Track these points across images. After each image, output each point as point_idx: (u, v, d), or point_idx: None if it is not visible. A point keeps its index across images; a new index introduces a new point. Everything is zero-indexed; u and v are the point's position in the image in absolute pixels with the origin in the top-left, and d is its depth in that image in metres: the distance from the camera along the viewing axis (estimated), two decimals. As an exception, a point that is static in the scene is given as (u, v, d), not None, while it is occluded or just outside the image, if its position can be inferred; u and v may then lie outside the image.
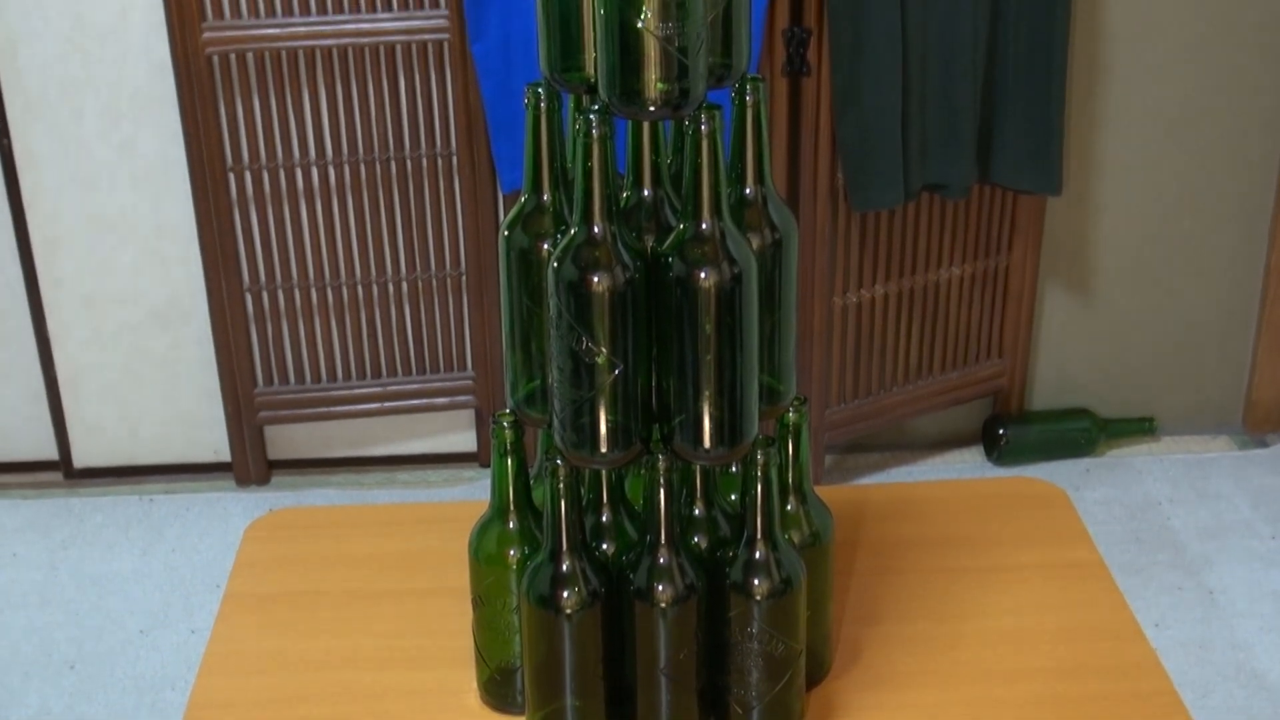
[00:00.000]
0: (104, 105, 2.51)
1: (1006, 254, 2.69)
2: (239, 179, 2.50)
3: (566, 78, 1.07)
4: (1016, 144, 2.46)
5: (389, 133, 2.51)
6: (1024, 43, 2.40)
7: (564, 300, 1.03)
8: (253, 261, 2.56)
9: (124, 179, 2.56)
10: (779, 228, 1.09)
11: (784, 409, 1.14)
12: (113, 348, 2.69)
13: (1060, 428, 2.82)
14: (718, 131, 1.02)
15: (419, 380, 2.69)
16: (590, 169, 1.02)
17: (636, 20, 0.99)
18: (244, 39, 2.39)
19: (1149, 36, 2.61)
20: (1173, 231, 2.76)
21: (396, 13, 2.42)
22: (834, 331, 2.60)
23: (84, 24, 2.46)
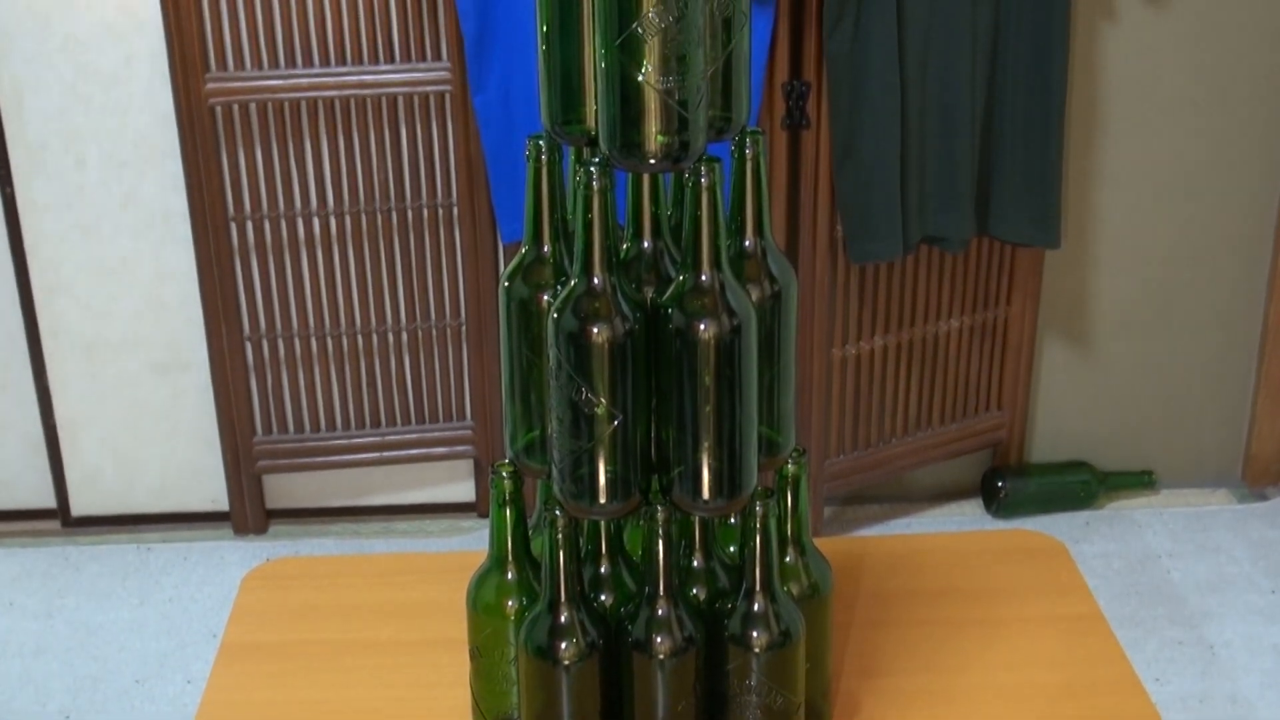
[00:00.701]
0: (107, 154, 2.53)
1: (1005, 307, 2.70)
2: (240, 228, 2.51)
3: (567, 130, 1.07)
4: (1015, 197, 2.47)
5: (390, 183, 2.52)
6: (1022, 98, 2.41)
7: (564, 351, 1.04)
8: (253, 310, 2.57)
9: (125, 228, 2.57)
10: (778, 280, 1.10)
11: (783, 460, 1.14)
12: (112, 396, 2.69)
13: (1059, 480, 2.82)
14: (717, 184, 1.02)
15: (418, 430, 2.69)
16: (590, 220, 1.02)
17: (637, 73, 1.00)
18: (247, 90, 2.41)
19: (1145, 93, 2.63)
20: (1171, 285, 2.77)
21: (399, 64, 2.43)
22: (833, 383, 2.61)
23: (88, 73, 2.47)
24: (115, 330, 2.64)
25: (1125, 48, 2.59)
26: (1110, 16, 2.57)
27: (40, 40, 2.45)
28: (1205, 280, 2.77)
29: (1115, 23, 2.58)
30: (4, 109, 2.49)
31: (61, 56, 2.46)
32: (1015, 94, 2.41)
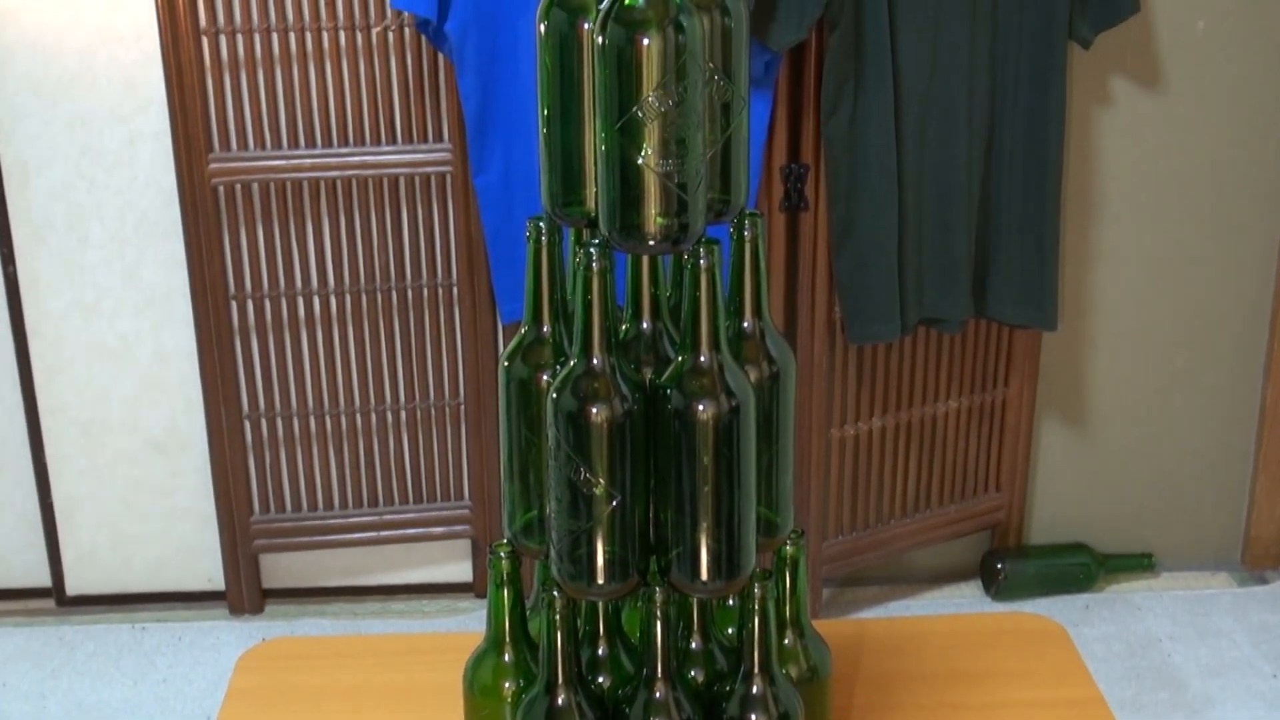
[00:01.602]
0: (109, 233, 2.54)
1: (1003, 388, 2.71)
2: (240, 307, 2.52)
3: (567, 212, 1.08)
4: (1012, 280, 2.48)
5: (390, 263, 2.53)
6: (1018, 181, 2.43)
7: (562, 431, 1.04)
8: (252, 389, 2.57)
9: (127, 306, 2.58)
10: (777, 360, 1.10)
11: (781, 541, 1.14)
12: (109, 475, 2.68)
13: (1059, 563, 2.81)
14: (716, 266, 1.03)
15: (416, 510, 2.68)
16: (590, 301, 1.03)
17: (637, 156, 1.00)
18: (249, 170, 2.43)
19: (1140, 177, 2.65)
20: (1168, 367, 2.78)
21: (400, 145, 2.46)
22: (831, 464, 2.61)
23: (93, 153, 2.50)
24: (114, 409, 2.64)
25: (1120, 131, 2.62)
26: (1105, 101, 2.60)
27: (46, 120, 2.47)
28: (1202, 363, 2.78)
29: (1110, 107, 2.61)
30: (9, 187, 2.51)
31: (67, 136, 2.48)
32: (1012, 177, 2.43)
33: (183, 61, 2.34)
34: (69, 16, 2.42)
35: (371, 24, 2.39)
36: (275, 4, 2.36)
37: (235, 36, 2.37)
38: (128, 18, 2.42)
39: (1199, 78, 2.60)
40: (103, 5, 2.42)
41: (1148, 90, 2.61)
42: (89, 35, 2.43)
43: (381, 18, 2.39)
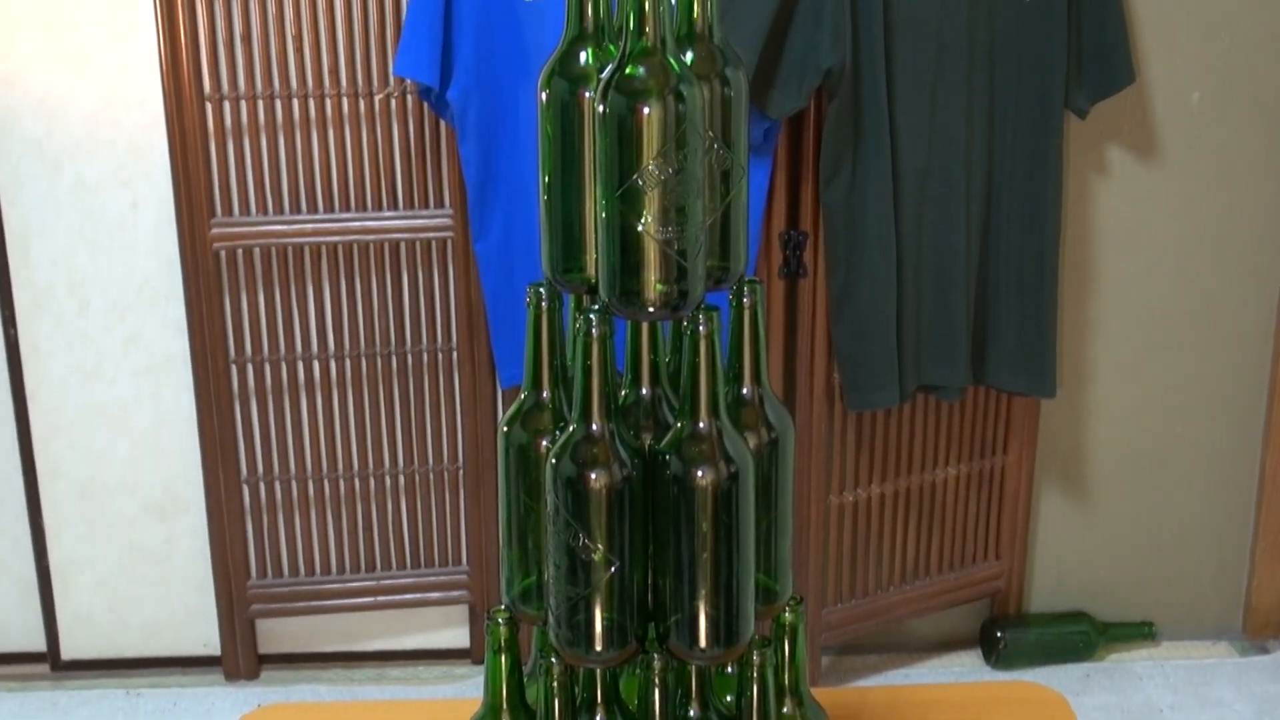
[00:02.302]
0: (111, 298, 2.55)
1: (1002, 455, 2.70)
2: (241, 371, 2.53)
3: (567, 278, 1.09)
4: (1010, 347, 2.48)
5: (390, 327, 2.54)
6: (1016, 249, 2.44)
7: (561, 497, 1.04)
8: (251, 454, 2.57)
9: (127, 371, 2.59)
10: (775, 427, 1.10)
11: (780, 609, 1.14)
12: (106, 539, 2.68)
13: (1059, 631, 2.80)
14: (715, 333, 1.03)
15: (414, 575, 2.67)
16: (590, 367, 1.03)
17: (637, 223, 1.01)
18: (251, 235, 2.44)
19: (1137, 245, 2.66)
20: (1167, 435, 2.78)
21: (402, 211, 2.47)
22: (830, 531, 2.60)
23: (95, 218, 2.51)
24: (112, 473, 2.64)
25: (1117, 200, 2.63)
26: (1102, 170, 2.62)
27: (50, 185, 2.48)
28: (1201, 431, 2.78)
29: (1107, 176, 2.62)
30: (11, 252, 2.52)
31: (70, 201, 2.50)
32: (1009, 244, 2.44)
33: (186, 127, 2.36)
34: (74, 82, 2.44)
35: (374, 91, 2.41)
36: (279, 71, 2.38)
37: (239, 102, 2.39)
38: (133, 83, 2.44)
39: (1195, 148, 2.62)
40: (108, 71, 2.44)
41: (1144, 160, 2.62)
42: (94, 100, 2.45)
43: (384, 84, 2.41)
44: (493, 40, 2.24)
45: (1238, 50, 2.59)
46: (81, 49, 2.43)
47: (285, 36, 2.36)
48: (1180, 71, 2.59)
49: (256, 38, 2.36)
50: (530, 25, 2.22)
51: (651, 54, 1.00)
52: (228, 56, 2.36)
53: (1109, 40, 2.39)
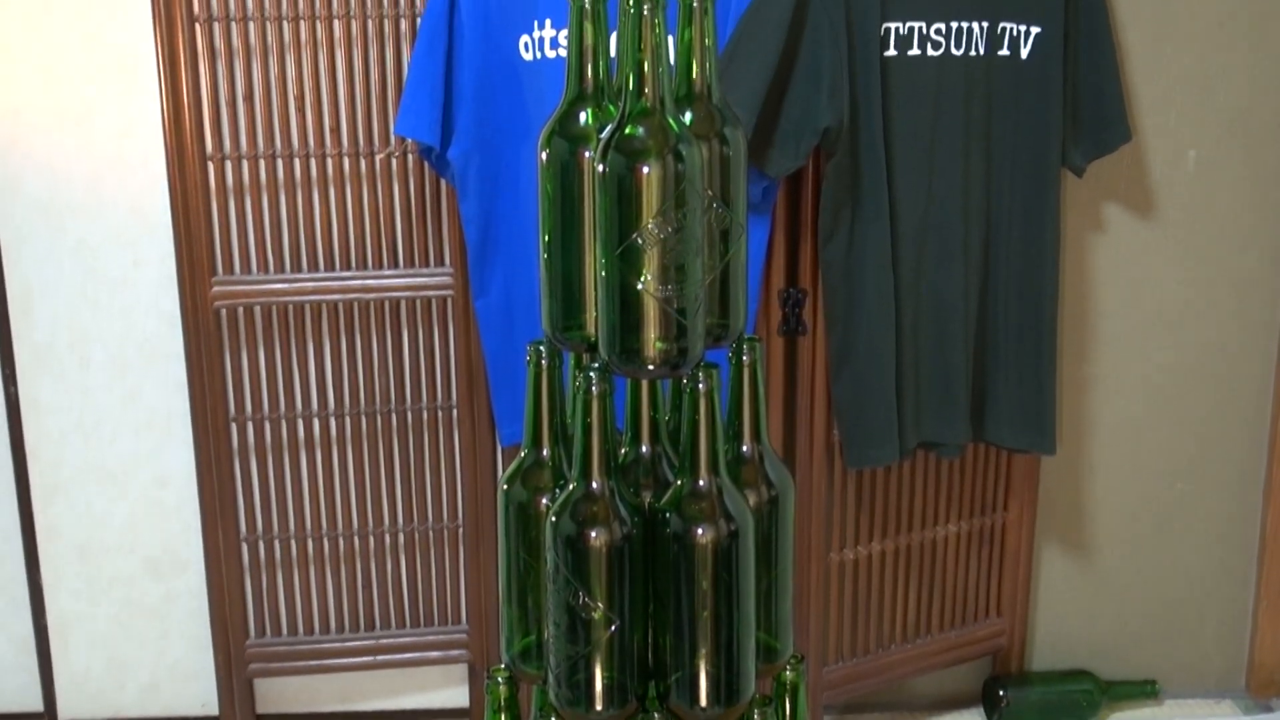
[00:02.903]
0: (111, 356, 2.55)
1: (1003, 512, 2.70)
2: (240, 429, 2.53)
3: (567, 336, 1.09)
4: (1010, 404, 2.49)
5: (391, 385, 2.54)
6: (1014, 306, 2.45)
7: (561, 555, 1.04)
8: (250, 512, 2.57)
9: (127, 429, 2.59)
10: (775, 485, 1.10)
11: (781, 667, 1.13)
12: (105, 598, 2.67)
13: (1061, 689, 2.78)
14: (715, 390, 1.04)
15: (413, 634, 2.66)
16: (590, 425, 1.04)
17: (637, 282, 1.02)
18: (252, 293, 2.45)
19: (1136, 302, 2.67)
20: (1167, 492, 2.77)
21: (403, 269, 2.48)
22: (831, 589, 2.59)
23: (97, 276, 2.52)
24: (111, 531, 2.63)
25: (1115, 257, 2.64)
26: (1099, 228, 2.63)
27: (52, 244, 2.50)
28: (1202, 488, 2.78)
29: (1104, 234, 2.64)
30: (13, 310, 2.53)
31: (72, 260, 2.51)
32: (1008, 302, 2.45)
33: (188, 187, 2.37)
34: (78, 142, 2.46)
35: (375, 150, 2.42)
36: (280, 130, 2.39)
37: (240, 162, 2.40)
38: (136, 144, 2.46)
39: (1191, 206, 2.64)
40: (112, 132, 2.46)
41: (1141, 217, 2.64)
42: (97, 161, 2.47)
43: (385, 144, 2.42)
44: (493, 100, 2.26)
45: (1233, 110, 2.61)
46: (85, 110, 2.45)
47: (287, 97, 2.38)
48: (1176, 130, 2.60)
49: (259, 98, 2.37)
50: (530, 85, 2.24)
51: (651, 114, 1.01)
52: (230, 116, 2.38)
53: (1105, 99, 2.41)
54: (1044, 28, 2.32)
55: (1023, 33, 2.31)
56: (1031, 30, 2.31)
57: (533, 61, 2.23)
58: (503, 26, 2.23)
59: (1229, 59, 2.59)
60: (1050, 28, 2.32)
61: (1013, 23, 2.31)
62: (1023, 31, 2.31)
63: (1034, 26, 2.31)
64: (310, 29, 2.36)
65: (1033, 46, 2.32)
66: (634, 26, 1.05)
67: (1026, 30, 2.31)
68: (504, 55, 2.24)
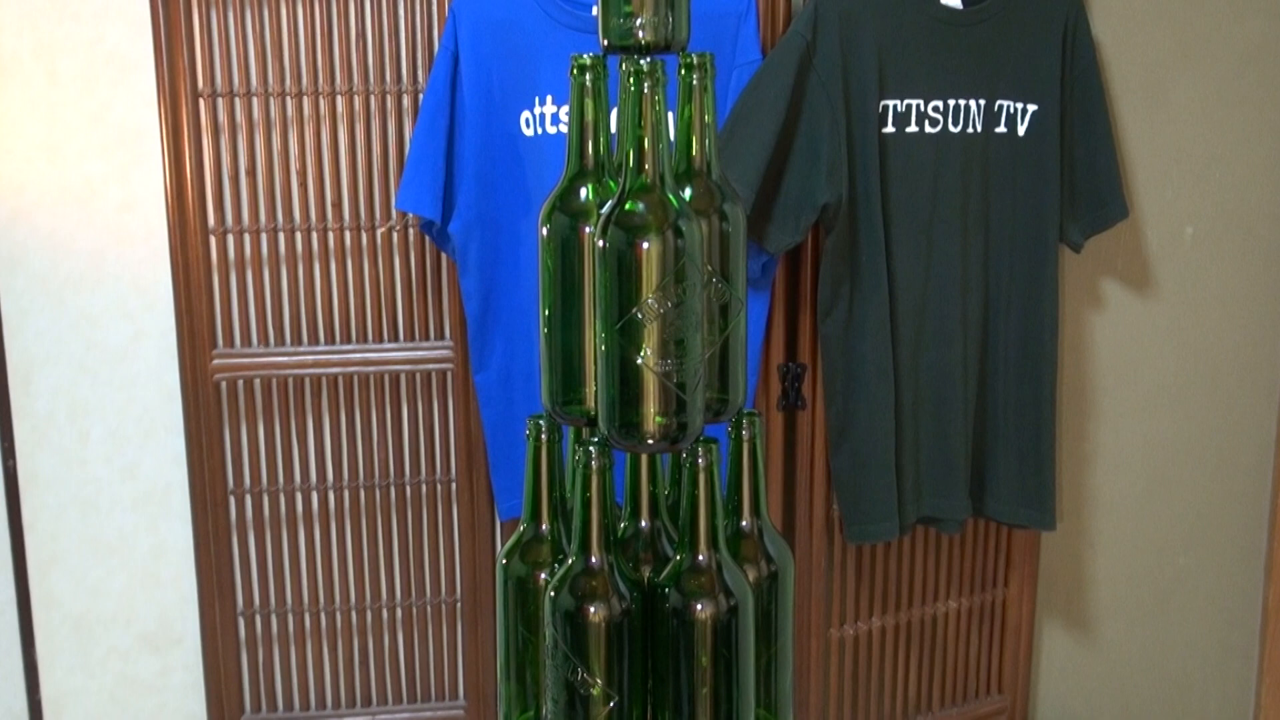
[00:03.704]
0: (110, 429, 2.55)
1: (1003, 588, 2.69)
2: (239, 502, 2.52)
3: (567, 410, 1.10)
4: (1009, 480, 2.48)
5: (390, 459, 2.54)
6: (1013, 382, 2.45)
7: (560, 630, 1.03)
8: (248, 586, 2.56)
9: (125, 502, 2.58)
10: (775, 560, 1.10)
11: (781, 745, 1.12)
12: (100, 672, 2.65)
13: (1064, 768, 2.76)
14: (715, 465, 1.04)
15: (410, 709, 2.64)
16: (589, 500, 1.04)
17: (636, 356, 1.02)
18: (252, 366, 2.45)
19: (1134, 378, 2.67)
20: (1168, 568, 2.77)
21: (403, 343, 2.48)
22: (831, 664, 2.58)
23: (98, 349, 2.52)
24: (107, 605, 2.62)
25: (1114, 332, 2.65)
26: (1097, 303, 2.64)
27: (53, 317, 2.50)
28: (1202, 563, 2.77)
29: (1103, 309, 2.65)
30: (13, 383, 2.53)
31: (73, 333, 2.51)
32: (1007, 377, 2.45)
33: (190, 260, 2.39)
34: (81, 216, 2.47)
35: (377, 224, 2.44)
36: (283, 204, 2.41)
37: (242, 235, 2.41)
38: (139, 218, 2.47)
39: (1189, 281, 2.65)
40: (115, 206, 2.47)
41: (1139, 293, 2.65)
42: (100, 235, 2.48)
43: (386, 218, 2.44)
44: (494, 175, 2.28)
45: (1229, 187, 2.63)
46: (88, 185, 2.47)
47: (289, 171, 2.40)
48: (1173, 207, 2.62)
49: (261, 172, 2.39)
50: (531, 161, 2.26)
51: (651, 190, 1.02)
52: (232, 191, 2.39)
53: (1101, 176, 2.43)
54: (1040, 106, 2.34)
55: (1019, 110, 2.34)
56: (1028, 108, 2.34)
57: (534, 137, 2.25)
58: (504, 102, 2.25)
59: (1224, 137, 2.62)
60: (1047, 106, 2.34)
61: (1010, 101, 2.33)
62: (1019, 109, 2.34)
63: (1030, 104, 2.34)
64: (313, 104, 2.38)
65: (1030, 124, 2.34)
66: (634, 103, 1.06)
67: (1023, 108, 2.34)
68: (505, 130, 2.26)
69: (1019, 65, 2.33)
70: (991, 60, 2.31)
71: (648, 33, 1.10)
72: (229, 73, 2.35)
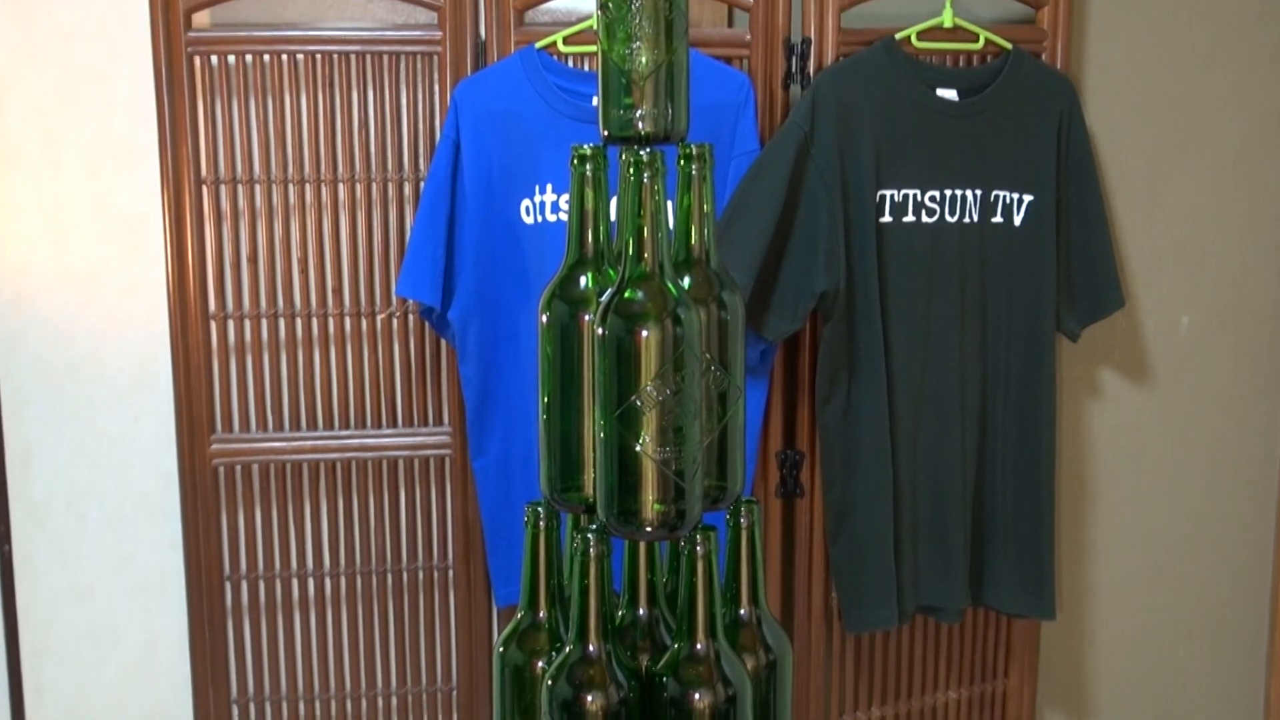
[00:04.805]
0: (107, 515, 2.55)
1: (1003, 679, 2.67)
2: (235, 588, 2.51)
3: (565, 497, 1.10)
4: (1008, 569, 2.47)
5: (387, 545, 2.53)
6: (1012, 470, 2.45)
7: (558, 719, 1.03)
8: (242, 673, 2.53)
9: (120, 588, 2.57)
10: (774, 649, 1.10)
11: (779, 837, 1.11)
12: (91, 760, 2.62)
13: None
14: (713, 553, 1.04)
15: (404, 800, 2.61)
16: (587, 587, 1.03)
17: (635, 444, 1.02)
18: (251, 451, 2.45)
19: (1133, 467, 2.67)
20: (1169, 659, 2.75)
21: (401, 428, 2.48)
22: (830, 756, 2.55)
23: (96, 433, 2.52)
24: (101, 693, 2.60)
25: (1111, 421, 2.66)
26: (1095, 392, 2.65)
27: (53, 401, 2.50)
28: (1203, 655, 2.75)
29: (1100, 398, 2.65)
30: (11, 467, 2.53)
31: (71, 417, 2.51)
32: (1005, 465, 2.45)
33: (190, 345, 2.39)
34: (82, 300, 2.48)
35: (376, 310, 2.45)
36: (283, 290, 2.42)
37: (243, 321, 2.42)
38: (140, 303, 2.48)
39: (1185, 371, 2.66)
40: (116, 291, 2.48)
41: (1136, 382, 2.65)
42: (100, 319, 2.49)
43: (386, 304, 2.45)
44: (494, 262, 2.29)
45: (1224, 277, 2.64)
46: (91, 270, 2.48)
47: (290, 257, 2.41)
48: (1168, 297, 2.64)
49: (262, 258, 2.41)
50: (531, 248, 2.27)
51: (650, 278, 1.03)
52: (234, 277, 2.40)
53: (1098, 266, 2.44)
54: (1036, 196, 2.36)
55: (1016, 200, 2.36)
56: (1024, 198, 2.36)
57: (534, 225, 2.26)
58: (505, 190, 2.27)
59: (1220, 229, 2.64)
60: (1043, 196, 2.36)
61: (1006, 191, 2.35)
62: (1015, 199, 2.35)
63: (1027, 195, 2.36)
64: (315, 191, 2.40)
65: (1026, 214, 2.36)
66: (634, 192, 1.08)
67: (1019, 198, 2.36)
68: (505, 218, 2.28)
69: (1015, 156, 2.35)
70: (987, 151, 2.33)
71: (647, 124, 1.12)
72: (232, 160, 2.37)
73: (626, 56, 1.11)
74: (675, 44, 1.13)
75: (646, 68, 1.11)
